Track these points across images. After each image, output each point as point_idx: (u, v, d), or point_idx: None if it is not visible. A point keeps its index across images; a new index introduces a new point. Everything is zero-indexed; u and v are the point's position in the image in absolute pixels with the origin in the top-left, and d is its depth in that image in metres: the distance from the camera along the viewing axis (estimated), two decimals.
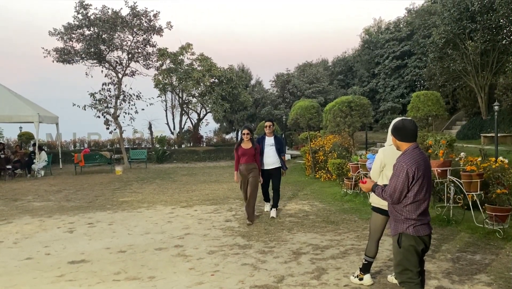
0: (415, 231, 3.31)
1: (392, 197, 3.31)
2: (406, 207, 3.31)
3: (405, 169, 3.23)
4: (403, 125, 3.41)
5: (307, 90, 28.30)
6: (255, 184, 7.53)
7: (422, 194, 3.30)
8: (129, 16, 19.82)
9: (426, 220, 3.37)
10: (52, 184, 14.18)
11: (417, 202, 3.30)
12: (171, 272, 5.14)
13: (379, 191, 3.47)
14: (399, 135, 3.43)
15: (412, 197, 3.28)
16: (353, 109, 11.21)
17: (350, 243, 6.15)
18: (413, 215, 3.31)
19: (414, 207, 3.30)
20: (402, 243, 3.35)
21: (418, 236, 3.32)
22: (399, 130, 3.42)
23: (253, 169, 7.52)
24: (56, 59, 19.77)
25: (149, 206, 9.58)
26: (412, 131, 3.38)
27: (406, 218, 3.32)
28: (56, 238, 6.88)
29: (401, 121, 3.48)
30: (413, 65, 26.57)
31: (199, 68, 24.92)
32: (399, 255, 3.40)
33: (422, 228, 3.33)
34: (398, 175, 3.26)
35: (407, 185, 3.24)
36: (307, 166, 14.94)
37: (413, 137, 3.39)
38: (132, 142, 25.96)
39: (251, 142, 7.58)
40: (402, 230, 3.35)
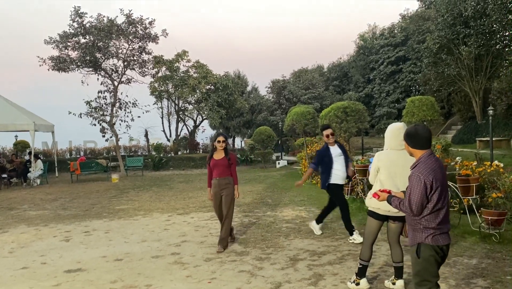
0: (434, 240, 3.20)
1: (412, 210, 3.18)
2: (425, 217, 3.20)
3: (423, 180, 3.11)
4: (416, 132, 3.28)
5: (303, 96, 28.40)
6: (229, 202, 6.38)
7: (441, 202, 3.19)
8: (124, 24, 19.88)
9: (446, 228, 3.26)
10: (48, 192, 14.13)
11: (436, 211, 3.19)
12: (168, 280, 5.12)
13: (396, 203, 3.36)
14: (412, 142, 3.30)
15: (431, 207, 3.17)
16: (348, 115, 11.26)
17: (347, 248, 6.15)
18: (432, 224, 3.19)
19: (433, 216, 3.19)
20: (421, 253, 3.24)
21: (437, 246, 3.22)
22: (412, 137, 3.30)
23: (227, 185, 6.40)
24: (51, 68, 19.79)
25: (145, 214, 9.56)
26: (426, 138, 3.26)
27: (425, 227, 3.21)
28: (52, 247, 6.85)
29: (413, 128, 3.35)
30: (408, 70, 26.77)
31: (195, 75, 24.99)
32: (418, 266, 3.28)
33: (442, 237, 3.22)
34: (416, 186, 3.14)
35: (426, 196, 3.13)
36: (303, 172, 14.96)
37: (427, 144, 3.27)
38: (128, 150, 25.93)
39: (224, 152, 6.50)
40: (420, 240, 3.23)
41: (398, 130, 4.38)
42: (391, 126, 4.48)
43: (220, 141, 6.46)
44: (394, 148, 4.36)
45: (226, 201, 6.38)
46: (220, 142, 6.45)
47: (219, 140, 6.47)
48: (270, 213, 9.14)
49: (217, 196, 6.42)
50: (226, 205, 6.37)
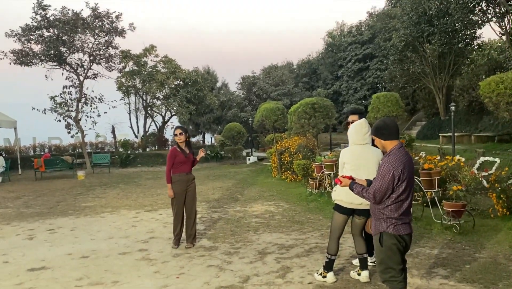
0: (396, 230, 3.31)
1: (375, 197, 3.29)
2: (388, 207, 3.31)
3: (392, 171, 3.20)
4: (385, 124, 3.37)
5: (272, 93, 28.53)
6: (195, 198, 6.37)
7: (406, 193, 3.30)
8: (90, 17, 19.39)
9: (407, 219, 3.38)
10: (10, 190, 13.67)
11: (399, 202, 3.29)
12: (135, 276, 5.07)
13: (358, 189, 3.45)
14: (382, 134, 3.37)
15: (395, 197, 3.27)
16: (316, 111, 11.39)
17: (315, 241, 6.25)
18: (395, 214, 3.30)
19: (396, 207, 3.30)
20: (383, 242, 3.35)
21: (399, 235, 3.33)
22: (382, 130, 3.36)
23: (192, 180, 6.33)
24: (13, 62, 19.10)
25: (112, 211, 9.40)
26: (394, 127, 3.35)
27: (388, 217, 3.32)
28: (15, 246, 6.65)
29: (382, 121, 3.43)
30: (375, 67, 27.29)
31: (163, 70, 24.67)
32: (381, 254, 3.40)
33: (403, 227, 3.34)
34: (384, 176, 3.23)
35: (392, 186, 3.23)
36: (273, 167, 15.05)
37: (397, 134, 3.36)
38: (95, 146, 25.36)
39: (188, 147, 6.31)
40: (383, 229, 3.35)
41: (360, 125, 4.51)
42: (354, 124, 4.60)
43: (177, 134, 6.19)
44: (357, 142, 4.49)
45: (193, 197, 6.30)
46: (177, 135, 6.19)
47: (176, 133, 6.21)
48: (239, 208, 9.17)
49: (183, 192, 6.22)
50: (193, 201, 6.31)
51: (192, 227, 6.33)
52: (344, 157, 4.54)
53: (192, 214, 6.33)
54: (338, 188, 4.45)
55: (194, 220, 6.34)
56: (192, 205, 6.32)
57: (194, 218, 6.35)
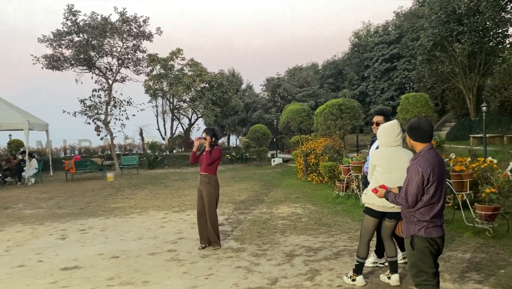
0: (427, 232, 3.26)
1: (407, 201, 3.24)
2: (420, 210, 3.26)
3: (420, 172, 3.17)
4: (418, 125, 3.31)
5: (297, 94, 28.45)
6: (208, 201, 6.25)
7: (437, 196, 3.24)
8: (118, 22, 19.82)
9: (440, 222, 3.32)
10: (43, 191, 14.08)
11: (431, 204, 3.24)
12: (165, 276, 5.14)
13: (392, 198, 3.42)
14: (413, 135, 3.33)
15: (427, 200, 3.22)
16: (343, 112, 11.30)
17: (343, 244, 6.20)
18: (426, 217, 3.25)
19: (428, 210, 3.25)
20: (415, 245, 3.30)
21: (431, 238, 3.27)
22: (414, 130, 3.33)
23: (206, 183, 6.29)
24: (45, 66, 19.70)
25: (141, 212, 9.56)
26: (427, 131, 3.29)
27: (419, 220, 3.27)
28: (48, 245, 6.84)
29: (416, 121, 3.37)
30: (402, 67, 26.88)
31: (189, 73, 24.95)
32: (413, 257, 3.35)
33: (434, 230, 3.28)
34: (413, 178, 3.20)
35: (422, 188, 3.19)
36: (298, 169, 15.00)
37: (428, 137, 3.30)
38: (123, 148, 25.85)
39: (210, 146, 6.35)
40: (414, 232, 3.30)
41: (391, 127, 4.43)
42: (384, 124, 4.52)
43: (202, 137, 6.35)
44: (388, 144, 4.40)
45: (206, 199, 6.24)
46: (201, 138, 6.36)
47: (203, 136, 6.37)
48: (265, 210, 9.18)
49: (198, 191, 6.35)
50: (207, 204, 6.24)
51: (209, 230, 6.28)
52: (375, 159, 4.44)
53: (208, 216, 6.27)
54: (369, 191, 4.39)
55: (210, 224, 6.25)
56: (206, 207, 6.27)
57: (209, 221, 6.25)
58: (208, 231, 6.29)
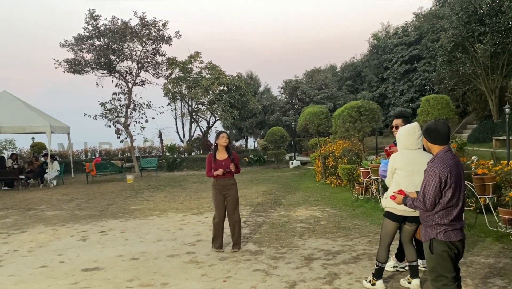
0: (446, 236, 3.20)
1: (425, 204, 3.20)
2: (438, 213, 3.21)
3: (437, 174, 3.13)
4: (435, 127, 3.29)
5: (315, 96, 28.33)
6: (236, 204, 6.38)
7: (455, 199, 3.19)
8: (138, 26, 20.06)
9: (459, 225, 3.26)
10: (64, 193, 14.33)
11: (449, 207, 3.19)
12: (183, 278, 5.17)
13: (410, 202, 3.39)
14: (430, 137, 3.31)
15: (445, 203, 3.18)
16: (362, 114, 11.19)
17: (362, 248, 6.14)
18: (445, 220, 3.20)
19: (446, 213, 3.20)
20: (434, 249, 3.25)
21: (450, 242, 3.22)
22: (431, 132, 3.31)
23: (232, 186, 6.35)
24: (67, 70, 20.06)
25: (160, 214, 9.65)
26: (444, 134, 3.27)
27: (438, 223, 3.22)
28: (70, 246, 6.96)
29: (433, 123, 3.35)
30: (422, 69, 26.50)
31: (207, 76, 25.12)
32: (432, 261, 3.29)
33: (454, 233, 3.22)
34: (430, 180, 3.16)
35: (440, 190, 3.15)
36: (317, 172, 14.93)
37: (445, 140, 3.27)
38: (142, 151, 26.15)
39: (227, 152, 6.38)
40: (433, 235, 3.25)
41: (412, 129, 4.37)
42: (404, 127, 4.46)
43: (224, 137, 6.34)
44: (409, 147, 4.34)
45: (232, 203, 6.33)
46: (224, 138, 6.34)
47: (223, 136, 6.35)
48: (283, 212, 9.15)
49: (220, 196, 6.34)
50: (233, 207, 6.34)
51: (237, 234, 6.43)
52: (396, 163, 4.37)
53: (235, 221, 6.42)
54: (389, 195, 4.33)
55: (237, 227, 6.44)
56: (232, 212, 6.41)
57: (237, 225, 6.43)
58: (236, 232, 6.39)
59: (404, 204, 3.52)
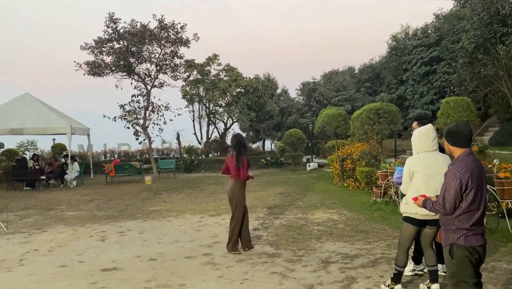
0: (467, 241, 3.15)
1: (445, 207, 3.15)
2: (458, 217, 3.16)
3: (458, 177, 3.08)
4: (457, 130, 3.24)
5: (333, 98, 28.18)
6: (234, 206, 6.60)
7: (476, 203, 3.14)
8: (157, 29, 20.24)
9: (480, 230, 3.20)
10: (84, 193, 14.53)
11: (470, 211, 3.14)
12: (200, 280, 5.18)
13: (430, 206, 3.35)
14: (451, 139, 3.27)
15: (466, 207, 3.13)
16: (381, 117, 11.07)
17: (380, 252, 6.06)
18: (466, 225, 3.15)
19: (467, 217, 3.15)
20: (454, 254, 3.20)
21: (471, 246, 3.16)
22: (452, 135, 3.26)
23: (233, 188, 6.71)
24: (87, 72, 20.36)
25: (178, 215, 9.70)
26: (466, 136, 3.21)
27: (458, 228, 3.17)
28: (89, 246, 7.05)
29: (455, 125, 3.30)
30: (442, 71, 26.12)
31: (225, 78, 25.20)
32: (452, 267, 3.24)
33: (475, 238, 3.17)
34: (450, 183, 3.12)
35: (460, 193, 3.10)
36: (334, 174, 14.82)
37: (467, 142, 3.22)
38: (161, 152, 26.37)
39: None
40: (453, 240, 3.20)
41: (427, 132, 4.30)
42: (418, 130, 4.39)
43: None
44: (425, 150, 4.28)
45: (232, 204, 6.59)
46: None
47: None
48: (301, 215, 9.11)
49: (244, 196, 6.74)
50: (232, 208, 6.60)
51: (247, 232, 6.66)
52: (413, 166, 4.31)
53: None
54: (410, 200, 4.27)
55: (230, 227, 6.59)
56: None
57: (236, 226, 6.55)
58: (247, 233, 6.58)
59: (424, 207, 3.47)
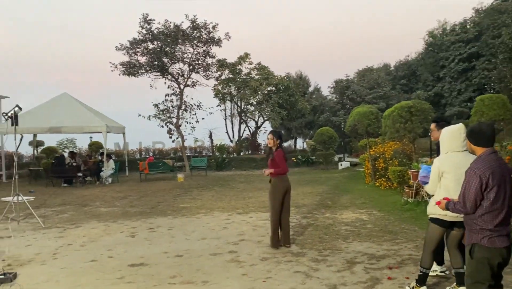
0: (491, 242, 3.10)
1: (465, 206, 3.14)
2: (482, 217, 3.13)
3: (478, 175, 3.07)
4: (480, 129, 3.26)
5: (367, 96, 27.73)
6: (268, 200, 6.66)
7: (500, 202, 3.09)
8: (189, 29, 20.54)
9: (505, 231, 3.14)
10: (118, 190, 14.93)
11: (494, 211, 3.10)
12: (224, 277, 5.23)
13: (452, 206, 3.34)
14: (474, 139, 3.28)
15: (488, 206, 3.10)
16: (413, 115, 10.79)
17: (408, 253, 5.93)
18: (490, 225, 3.10)
19: (491, 217, 3.10)
20: (474, 254, 3.17)
21: (494, 248, 3.11)
22: (475, 134, 3.27)
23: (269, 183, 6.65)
24: (122, 73, 20.90)
25: (207, 212, 9.82)
26: (489, 136, 3.22)
27: (482, 228, 3.13)
28: (119, 242, 7.24)
29: (478, 125, 3.32)
30: (482, 67, 25.25)
31: (256, 77, 25.25)
32: (470, 267, 3.23)
33: (499, 240, 3.11)
34: (470, 181, 3.12)
35: (481, 192, 3.08)
36: (366, 174, 14.60)
37: (489, 142, 3.22)
38: (193, 150, 26.74)
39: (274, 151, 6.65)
40: (476, 240, 3.16)
41: (458, 131, 4.15)
42: (448, 128, 4.25)
43: (267, 138, 6.80)
44: (455, 149, 4.14)
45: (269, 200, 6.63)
46: (268, 139, 6.80)
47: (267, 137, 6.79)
48: (329, 215, 9.02)
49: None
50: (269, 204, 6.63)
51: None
52: (443, 166, 4.15)
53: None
54: None
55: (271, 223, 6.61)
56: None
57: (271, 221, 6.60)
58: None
59: (447, 209, 3.42)
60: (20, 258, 6.32)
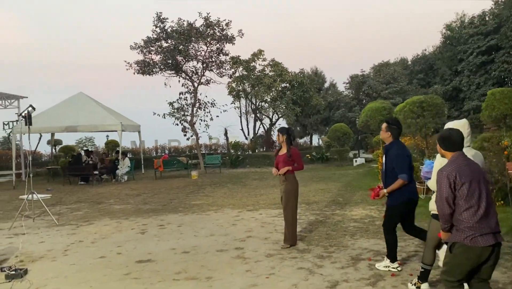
0: (473, 242, 3.18)
1: (442, 206, 3.30)
2: (462, 215, 3.24)
3: (445, 175, 3.27)
4: (449, 136, 3.48)
5: (383, 91, 27.43)
6: (286, 201, 6.34)
7: (475, 198, 3.20)
8: (202, 26, 20.61)
9: (489, 228, 3.20)
10: (133, 188, 15.14)
11: (472, 207, 3.20)
12: (228, 273, 5.27)
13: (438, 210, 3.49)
14: (444, 144, 3.51)
15: (463, 203, 3.22)
16: (425, 110, 10.64)
17: (414, 249, 5.89)
18: (471, 222, 3.19)
19: (470, 214, 3.21)
20: (453, 250, 3.29)
21: (476, 247, 3.18)
22: (445, 140, 3.50)
23: (283, 182, 6.37)
24: (136, 71, 21.12)
25: (217, 209, 9.89)
26: (457, 142, 3.44)
27: (465, 226, 3.22)
28: (129, 239, 7.36)
29: (447, 131, 3.56)
30: (501, 60, 24.72)
31: (270, 73, 25.22)
32: (448, 257, 3.39)
33: (482, 239, 3.18)
34: (440, 182, 3.32)
35: (451, 190, 3.24)
36: (379, 170, 14.46)
37: (458, 147, 3.45)
38: (208, 148, 26.90)
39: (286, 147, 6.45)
40: (459, 239, 3.25)
41: (462, 127, 4.10)
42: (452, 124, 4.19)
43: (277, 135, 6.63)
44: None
45: (283, 199, 6.38)
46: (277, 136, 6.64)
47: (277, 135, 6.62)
48: (339, 211, 9.00)
49: (280, 191, 6.60)
50: (284, 203, 6.37)
51: (285, 229, 6.45)
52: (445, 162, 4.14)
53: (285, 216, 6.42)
54: None
55: (286, 223, 6.40)
56: (283, 206, 6.42)
57: (287, 220, 6.40)
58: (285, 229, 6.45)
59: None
60: (32, 255, 6.49)
